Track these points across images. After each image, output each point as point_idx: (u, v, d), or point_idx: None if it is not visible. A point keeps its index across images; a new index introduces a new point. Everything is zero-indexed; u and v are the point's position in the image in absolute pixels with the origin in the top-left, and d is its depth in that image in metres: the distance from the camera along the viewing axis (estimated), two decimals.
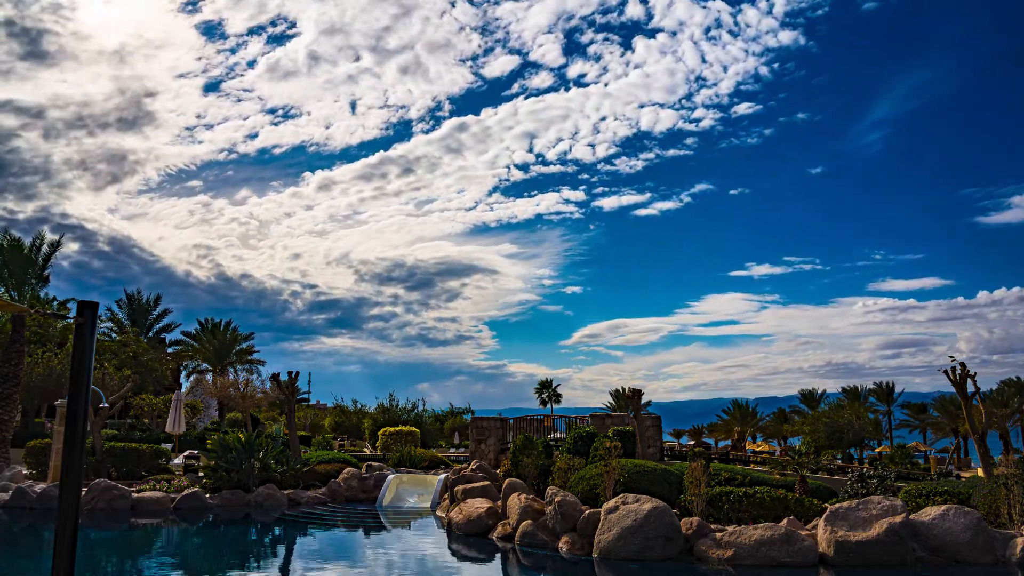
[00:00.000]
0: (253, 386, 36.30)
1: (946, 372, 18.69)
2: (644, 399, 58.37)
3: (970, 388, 18.64)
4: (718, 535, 13.59)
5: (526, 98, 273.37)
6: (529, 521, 15.35)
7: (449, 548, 15.84)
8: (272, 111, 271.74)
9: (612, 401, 62.07)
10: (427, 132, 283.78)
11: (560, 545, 14.54)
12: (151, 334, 48.35)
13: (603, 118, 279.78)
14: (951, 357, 18.82)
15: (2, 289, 37.52)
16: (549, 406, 58.65)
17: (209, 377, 44.76)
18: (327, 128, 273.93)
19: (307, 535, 17.88)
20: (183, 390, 38.72)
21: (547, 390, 60.33)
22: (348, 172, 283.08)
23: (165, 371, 43.12)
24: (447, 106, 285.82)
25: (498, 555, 14.83)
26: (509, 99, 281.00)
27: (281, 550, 16.21)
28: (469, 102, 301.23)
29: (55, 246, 41.25)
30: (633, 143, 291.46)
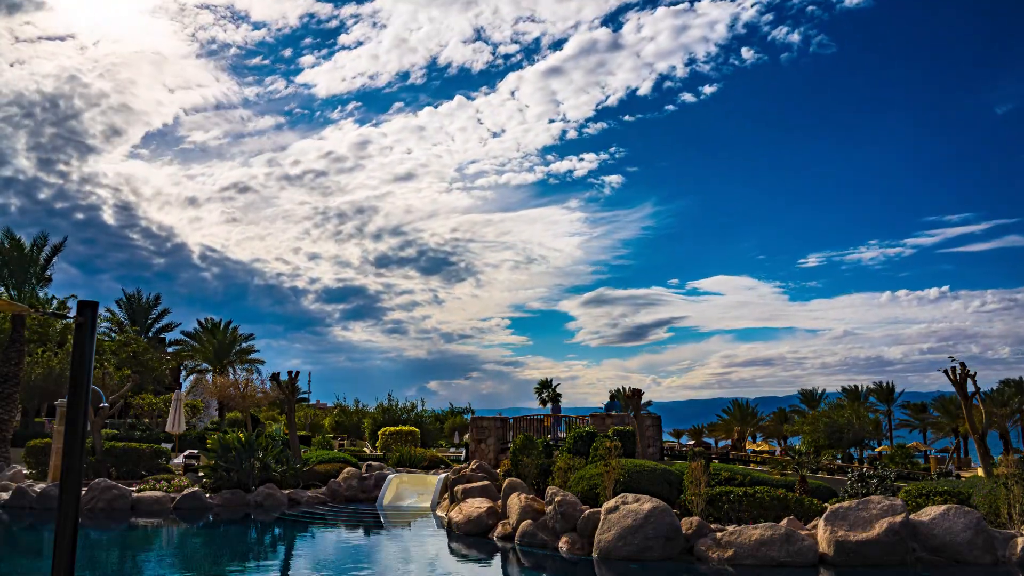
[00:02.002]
0: (253, 386, 36.29)
1: (946, 372, 18.71)
2: (645, 398, 58.40)
3: (970, 388, 18.66)
4: (718, 535, 13.59)
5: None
6: (529, 521, 15.35)
7: (449, 548, 15.85)
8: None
9: (612, 401, 62.04)
10: (549, 55, 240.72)
11: (560, 545, 14.54)
12: (151, 334, 48.40)
13: (741, 44, 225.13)
14: (951, 356, 18.87)
15: (2, 289, 37.51)
16: (549, 406, 58.69)
17: (209, 377, 44.77)
18: (431, 56, 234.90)
19: (307, 535, 17.88)
20: (183, 390, 38.72)
21: (547, 390, 60.36)
22: (399, 124, 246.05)
23: (165, 371, 43.12)
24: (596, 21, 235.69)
25: (498, 555, 14.83)
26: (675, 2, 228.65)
27: (281, 550, 16.22)
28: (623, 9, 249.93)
29: (57, 248, 41.29)
30: (754, 74, 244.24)
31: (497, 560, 14.55)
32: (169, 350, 48.20)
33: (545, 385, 60.72)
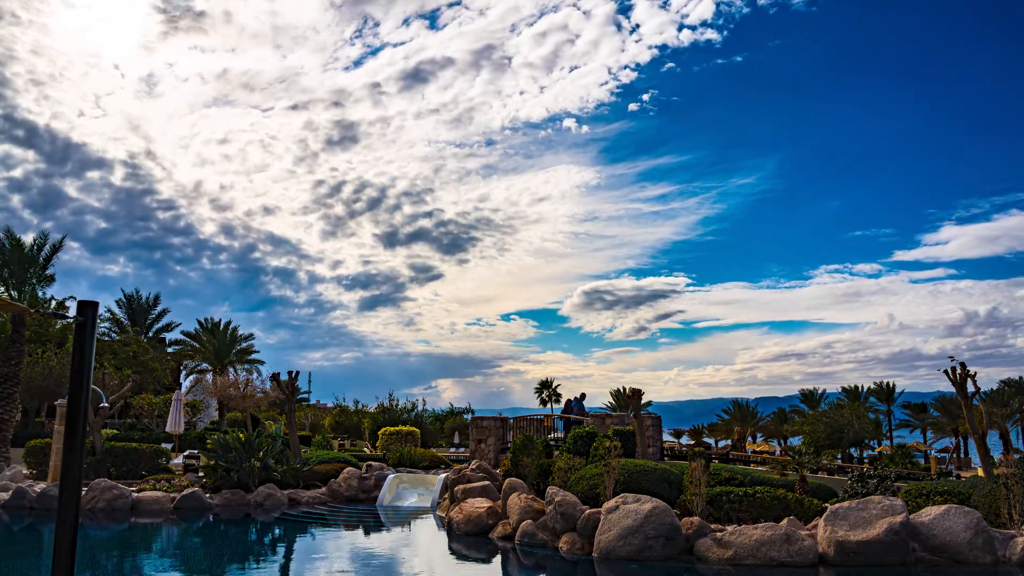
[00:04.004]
0: (253, 386, 36.34)
1: (946, 372, 18.70)
2: (645, 399, 58.42)
3: (970, 388, 18.65)
4: (718, 535, 13.59)
5: None
6: (529, 521, 15.35)
7: (449, 548, 15.85)
8: None
9: (612, 401, 62.10)
10: None
11: (560, 545, 14.54)
12: (151, 334, 48.37)
13: None
14: (951, 357, 18.85)
15: (2, 289, 37.52)
16: (549, 406, 58.68)
17: (209, 377, 44.78)
18: None
19: (307, 535, 17.88)
20: (183, 390, 38.74)
21: (547, 390, 60.36)
22: (468, 44, 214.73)
23: (165, 371, 43.10)
24: None
25: (498, 555, 14.83)
26: None
27: (281, 550, 16.21)
28: None
29: (57, 247, 41.31)
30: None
31: (497, 560, 14.55)
32: (169, 350, 48.17)
33: (545, 385, 60.75)
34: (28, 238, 38.54)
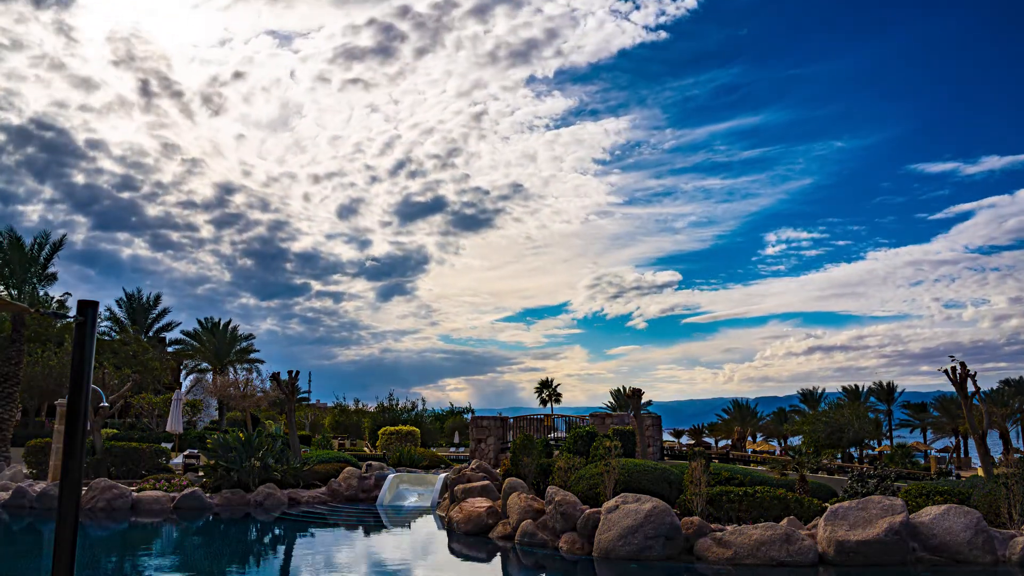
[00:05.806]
0: (253, 385, 36.33)
1: (946, 372, 18.69)
2: (645, 399, 58.42)
3: (970, 388, 18.65)
4: (718, 534, 13.59)
5: None
6: (529, 520, 15.35)
7: (449, 547, 15.85)
8: None
9: (612, 401, 62.11)
10: None
11: (560, 544, 14.55)
12: (151, 333, 48.38)
13: None
14: (951, 357, 18.85)
15: (2, 288, 37.53)
16: (549, 406, 58.70)
17: (209, 376, 44.79)
18: None
19: (307, 534, 17.88)
20: (183, 390, 38.73)
21: (547, 389, 60.39)
22: None
23: (165, 370, 43.11)
24: None
25: (498, 554, 14.83)
26: None
27: (281, 549, 16.21)
28: None
29: (57, 246, 41.37)
30: None
31: (497, 559, 14.55)
32: (169, 350, 48.18)
33: (545, 385, 60.78)
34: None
